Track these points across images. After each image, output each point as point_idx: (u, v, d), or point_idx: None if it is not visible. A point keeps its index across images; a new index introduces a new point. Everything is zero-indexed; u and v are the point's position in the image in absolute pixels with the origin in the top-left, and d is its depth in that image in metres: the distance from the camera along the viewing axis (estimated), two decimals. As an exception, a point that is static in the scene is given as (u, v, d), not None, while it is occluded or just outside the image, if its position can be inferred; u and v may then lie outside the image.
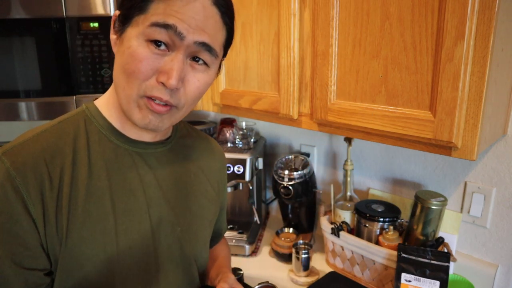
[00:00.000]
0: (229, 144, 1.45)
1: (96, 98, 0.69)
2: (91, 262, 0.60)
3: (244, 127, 1.48)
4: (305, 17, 0.97)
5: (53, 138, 0.60)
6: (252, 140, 1.44)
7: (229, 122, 1.52)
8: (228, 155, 1.33)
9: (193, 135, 0.82)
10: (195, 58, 0.59)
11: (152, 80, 0.57)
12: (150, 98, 0.58)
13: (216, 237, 0.92)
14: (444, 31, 0.71)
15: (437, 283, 0.93)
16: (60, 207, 0.57)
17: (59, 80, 1.26)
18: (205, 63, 0.60)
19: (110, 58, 1.30)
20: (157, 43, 0.56)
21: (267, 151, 1.64)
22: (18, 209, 0.55)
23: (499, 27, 0.69)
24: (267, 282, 0.74)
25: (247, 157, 1.33)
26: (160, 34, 0.55)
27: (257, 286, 0.72)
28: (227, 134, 1.47)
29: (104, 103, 0.66)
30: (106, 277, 0.61)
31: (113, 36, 0.61)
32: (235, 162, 1.32)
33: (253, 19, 1.09)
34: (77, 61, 1.26)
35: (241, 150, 1.38)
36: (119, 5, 0.60)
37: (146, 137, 0.68)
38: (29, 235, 0.56)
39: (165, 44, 0.56)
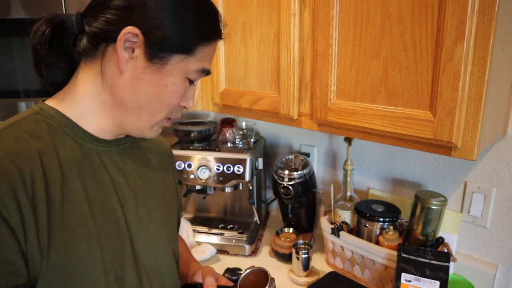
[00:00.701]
0: (229, 144, 1.45)
1: (44, 99, 0.65)
2: (78, 271, 0.57)
3: (244, 127, 1.48)
4: (305, 17, 0.97)
5: (13, 141, 0.56)
6: (252, 140, 1.44)
7: (229, 122, 1.52)
8: (228, 155, 1.33)
9: None
10: None
11: (177, 105, 0.65)
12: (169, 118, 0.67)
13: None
14: (444, 31, 0.71)
15: (437, 283, 0.93)
16: (37, 212, 0.54)
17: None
18: None
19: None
20: (191, 81, 0.64)
21: (267, 151, 1.65)
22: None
23: (499, 27, 0.69)
24: (253, 266, 0.74)
25: (247, 157, 1.33)
26: (200, 76, 0.65)
27: (247, 271, 0.72)
28: (227, 134, 1.47)
29: (65, 106, 0.63)
30: (93, 284, 0.59)
31: (124, 54, 0.58)
32: (235, 162, 1.32)
33: (253, 19, 1.09)
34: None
35: (241, 150, 1.38)
36: (136, 22, 0.57)
37: (107, 135, 0.66)
38: (9, 248, 0.52)
39: None
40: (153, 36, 0.58)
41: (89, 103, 0.63)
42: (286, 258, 1.29)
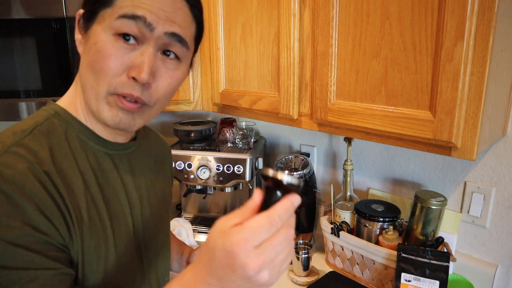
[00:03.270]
0: (229, 144, 1.45)
1: (54, 100, 0.65)
2: (97, 274, 0.58)
3: (244, 127, 1.48)
4: (305, 17, 0.97)
5: (37, 148, 0.55)
6: (252, 140, 1.44)
7: (229, 122, 1.52)
8: (228, 155, 1.34)
9: (148, 132, 0.82)
10: (165, 53, 0.58)
11: (123, 77, 0.55)
12: (121, 95, 0.55)
13: None
14: (444, 31, 0.71)
15: (437, 283, 0.93)
16: (69, 216, 0.54)
17: (60, 80, 1.26)
18: (176, 57, 0.59)
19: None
20: (125, 36, 0.54)
21: (267, 151, 1.65)
22: (35, 216, 0.50)
23: (498, 28, 0.69)
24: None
25: (247, 157, 1.33)
26: (129, 27, 0.53)
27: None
28: (227, 134, 1.47)
29: (71, 104, 0.62)
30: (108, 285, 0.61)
31: (78, 36, 0.59)
32: (235, 162, 1.32)
33: (253, 19, 1.09)
34: (77, 61, 1.26)
35: (241, 150, 1.38)
36: (83, 3, 0.58)
37: (120, 138, 0.66)
38: (57, 239, 0.52)
39: (134, 38, 0.55)
40: (85, 8, 0.58)
41: (79, 99, 0.62)
42: (286, 258, 1.29)
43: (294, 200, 0.43)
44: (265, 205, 0.43)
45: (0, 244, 0.47)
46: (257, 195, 0.44)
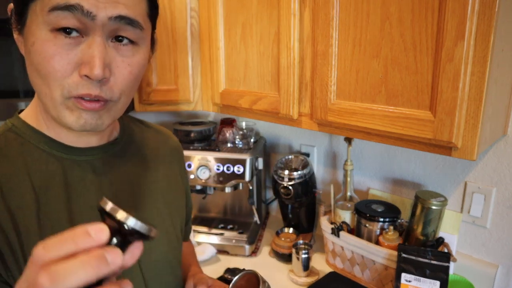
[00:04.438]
0: (229, 144, 1.45)
1: (20, 111, 0.59)
2: None
3: (244, 127, 1.48)
4: (305, 17, 0.97)
5: None
6: (252, 140, 1.44)
7: (229, 122, 1.52)
8: (228, 155, 1.33)
9: (145, 130, 0.74)
10: (117, 38, 0.50)
11: (74, 76, 0.48)
12: (78, 97, 0.49)
13: (184, 232, 0.86)
14: (444, 31, 0.71)
15: (437, 283, 0.93)
16: (13, 244, 0.49)
17: (59, 80, 1.26)
18: (130, 42, 0.51)
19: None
20: (66, 30, 0.46)
21: (267, 151, 1.64)
22: None
23: (499, 27, 0.69)
24: (244, 270, 0.71)
25: (247, 157, 1.33)
26: (66, 19, 0.45)
27: (237, 277, 0.69)
28: (227, 134, 1.47)
29: (31, 114, 0.57)
30: None
31: (15, 36, 0.52)
32: (235, 162, 1.32)
33: (253, 19, 1.09)
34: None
35: (241, 150, 1.38)
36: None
37: (91, 141, 0.59)
38: None
39: (77, 30, 0.47)
40: (14, 2, 0.50)
41: (39, 105, 0.55)
42: (286, 258, 1.29)
43: (90, 228, 0.31)
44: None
45: None
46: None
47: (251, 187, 1.43)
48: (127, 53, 0.51)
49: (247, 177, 1.33)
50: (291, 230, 1.39)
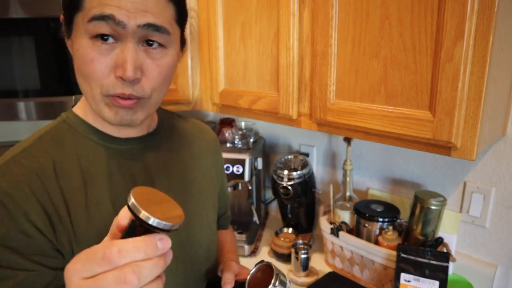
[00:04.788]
0: (228, 144, 1.45)
1: (73, 105, 0.68)
2: None
3: (243, 127, 1.48)
4: (304, 17, 0.97)
5: (40, 154, 0.59)
6: (251, 140, 1.44)
7: (228, 122, 1.52)
8: (227, 155, 1.33)
9: (182, 123, 0.81)
10: (148, 42, 0.56)
11: (111, 77, 0.55)
12: (114, 96, 0.56)
13: (222, 220, 0.94)
14: (444, 31, 0.71)
15: (437, 283, 0.93)
16: (63, 217, 0.57)
17: (58, 79, 1.26)
18: (160, 45, 0.57)
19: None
20: (102, 37, 0.53)
21: (267, 151, 1.64)
22: (22, 222, 0.54)
23: (498, 27, 0.69)
24: (262, 261, 0.74)
25: (246, 157, 1.32)
26: (102, 28, 0.53)
27: (253, 269, 0.72)
28: (226, 134, 1.47)
29: (81, 108, 0.65)
30: None
31: (67, 41, 0.60)
32: (234, 162, 1.32)
33: (253, 19, 1.09)
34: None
35: (240, 150, 1.38)
36: (62, 8, 0.59)
37: (131, 132, 0.67)
38: (42, 243, 0.55)
39: (112, 37, 0.54)
40: (64, 13, 0.58)
41: (86, 101, 0.64)
42: (285, 258, 1.29)
43: (159, 241, 0.37)
44: (125, 232, 0.38)
45: None
46: (124, 216, 0.40)
47: (250, 187, 1.43)
48: (157, 56, 0.57)
49: (247, 177, 1.33)
50: (290, 230, 1.39)
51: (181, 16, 0.62)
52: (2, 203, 0.53)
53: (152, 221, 0.36)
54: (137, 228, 0.37)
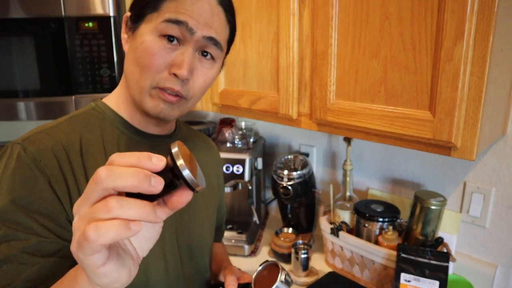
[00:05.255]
0: (228, 144, 1.45)
1: (102, 98, 0.72)
2: None
3: (243, 127, 1.48)
4: (304, 17, 0.97)
5: (69, 130, 0.64)
6: (251, 140, 1.44)
7: (228, 122, 1.52)
8: (227, 155, 1.33)
9: (191, 133, 0.88)
10: (203, 53, 0.64)
11: (165, 73, 0.61)
12: (163, 89, 0.62)
13: (217, 233, 0.96)
14: (444, 31, 0.71)
15: (437, 283, 0.93)
16: (78, 192, 0.60)
17: (58, 80, 1.26)
18: (212, 58, 0.65)
19: (109, 58, 1.30)
20: (169, 38, 0.60)
21: (267, 151, 1.64)
22: (45, 188, 0.57)
23: (498, 27, 0.69)
24: (267, 260, 0.76)
25: (246, 157, 1.32)
26: (173, 30, 0.60)
27: (259, 268, 0.74)
28: (226, 134, 1.47)
29: (114, 100, 0.70)
30: None
31: (124, 35, 0.66)
32: (234, 162, 1.32)
33: (253, 19, 1.09)
34: (75, 61, 1.26)
35: (240, 150, 1.38)
36: (130, 6, 0.66)
37: (155, 130, 0.71)
38: (59, 213, 0.58)
39: (177, 39, 0.61)
40: (132, 11, 0.64)
41: (122, 92, 0.69)
42: (285, 258, 1.29)
43: (154, 156, 0.37)
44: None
45: (7, 203, 0.54)
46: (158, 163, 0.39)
47: (250, 187, 1.43)
48: (207, 66, 0.65)
49: (247, 177, 1.32)
50: (290, 230, 1.39)
51: (231, 39, 0.70)
52: (28, 166, 0.57)
53: (186, 173, 0.37)
54: (166, 175, 0.38)
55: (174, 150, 0.38)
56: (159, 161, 0.37)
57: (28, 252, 0.54)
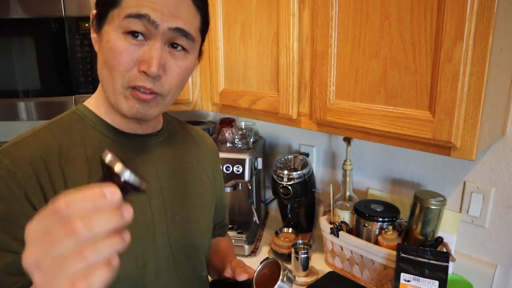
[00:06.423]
0: (228, 144, 1.45)
1: (83, 101, 0.71)
2: None
3: (243, 127, 1.48)
4: (304, 17, 0.97)
5: (47, 138, 0.62)
6: (251, 140, 1.44)
7: (228, 122, 1.52)
8: (227, 155, 1.33)
9: (185, 128, 0.85)
10: (173, 45, 0.61)
11: (134, 71, 0.59)
12: (135, 88, 0.59)
13: (219, 228, 0.95)
14: (443, 31, 0.71)
15: (436, 283, 0.93)
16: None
17: (58, 80, 1.26)
18: (183, 49, 0.62)
19: (109, 58, 1.29)
20: (134, 34, 0.58)
21: (267, 151, 1.65)
22: (22, 201, 0.56)
23: (498, 27, 0.69)
24: (268, 258, 0.75)
25: (246, 157, 1.33)
26: (135, 25, 0.57)
27: (260, 266, 0.74)
28: (226, 134, 1.47)
29: (94, 102, 0.68)
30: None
31: (93, 35, 0.64)
32: (234, 162, 1.32)
33: (252, 19, 1.09)
34: (76, 61, 1.26)
35: (240, 150, 1.38)
36: (95, 4, 0.62)
37: (138, 129, 0.69)
38: None
39: (142, 34, 0.58)
40: (96, 9, 0.62)
41: (100, 95, 0.67)
42: (285, 258, 1.29)
43: (106, 190, 0.35)
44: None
45: None
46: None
47: (250, 187, 1.43)
48: (179, 58, 0.62)
49: (247, 177, 1.33)
50: (290, 230, 1.39)
51: (204, 27, 0.67)
52: (4, 180, 0.55)
53: (126, 174, 0.36)
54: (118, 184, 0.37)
55: (109, 159, 0.37)
56: (114, 195, 0.35)
57: (6, 272, 0.52)
